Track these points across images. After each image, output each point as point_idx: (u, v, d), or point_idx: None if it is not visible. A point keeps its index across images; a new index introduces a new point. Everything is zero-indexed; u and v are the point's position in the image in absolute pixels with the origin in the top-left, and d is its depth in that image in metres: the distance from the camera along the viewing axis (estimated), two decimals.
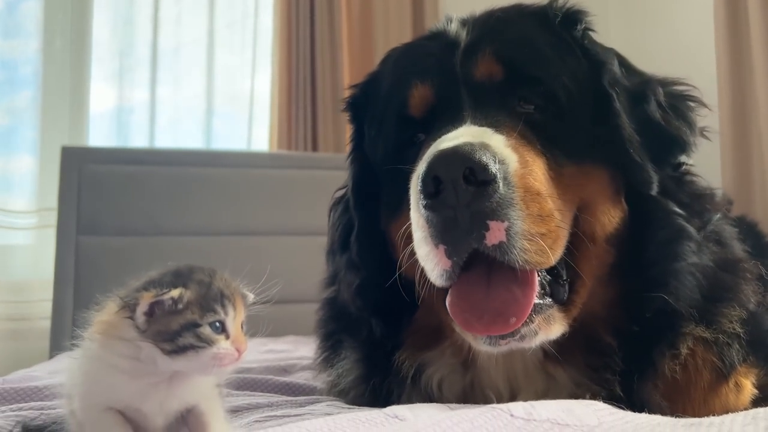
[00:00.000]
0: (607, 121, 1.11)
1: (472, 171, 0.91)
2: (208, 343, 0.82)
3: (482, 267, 0.99)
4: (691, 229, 1.11)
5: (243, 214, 3.28)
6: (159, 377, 0.84)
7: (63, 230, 3.05)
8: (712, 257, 1.15)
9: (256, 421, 1.10)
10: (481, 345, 1.01)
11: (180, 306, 0.83)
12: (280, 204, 3.29)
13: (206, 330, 0.83)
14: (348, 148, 1.38)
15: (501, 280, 0.99)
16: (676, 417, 0.93)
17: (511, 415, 0.83)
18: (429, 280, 1.02)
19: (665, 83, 1.23)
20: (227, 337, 0.85)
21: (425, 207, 0.95)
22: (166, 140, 3.78)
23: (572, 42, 1.16)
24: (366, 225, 1.25)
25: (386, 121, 1.22)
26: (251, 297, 0.92)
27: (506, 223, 0.93)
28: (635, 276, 1.10)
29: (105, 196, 3.14)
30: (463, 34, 1.17)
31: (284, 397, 1.41)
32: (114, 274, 3.13)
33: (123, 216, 3.14)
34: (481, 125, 1.04)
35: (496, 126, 1.04)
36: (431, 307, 1.14)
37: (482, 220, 0.93)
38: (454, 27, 1.20)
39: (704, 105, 1.22)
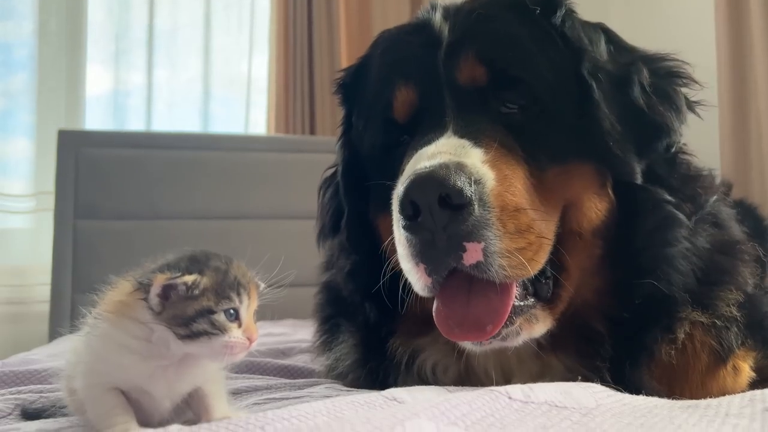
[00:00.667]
0: (589, 114, 1.09)
1: (447, 196, 0.93)
2: (221, 330, 0.83)
3: (464, 276, 1.00)
4: (681, 216, 1.10)
5: (240, 198, 3.27)
6: (169, 360, 0.85)
7: (60, 214, 3.04)
8: (708, 240, 1.15)
9: (255, 403, 1.11)
10: (465, 344, 1.05)
11: (196, 292, 0.83)
12: (277, 187, 3.28)
13: (221, 317, 0.83)
14: (339, 131, 1.38)
15: (480, 290, 1.01)
16: (673, 399, 0.94)
17: (510, 398, 0.84)
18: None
19: (654, 60, 1.20)
20: (240, 325, 0.85)
21: (404, 228, 0.98)
22: (163, 124, 3.76)
23: (553, 31, 1.13)
24: (356, 211, 1.26)
25: (372, 119, 1.21)
26: (263, 286, 0.92)
27: (483, 244, 0.94)
28: (625, 264, 1.10)
29: (102, 180, 3.13)
30: (446, 30, 1.15)
31: (283, 380, 1.41)
32: (112, 257, 3.16)
33: (120, 200, 3.13)
34: (462, 135, 1.03)
35: (477, 136, 1.03)
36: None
37: (459, 241, 0.94)
38: (437, 19, 1.17)
39: (694, 81, 1.20)
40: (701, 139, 1.23)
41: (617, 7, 3.75)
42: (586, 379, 1.03)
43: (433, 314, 1.03)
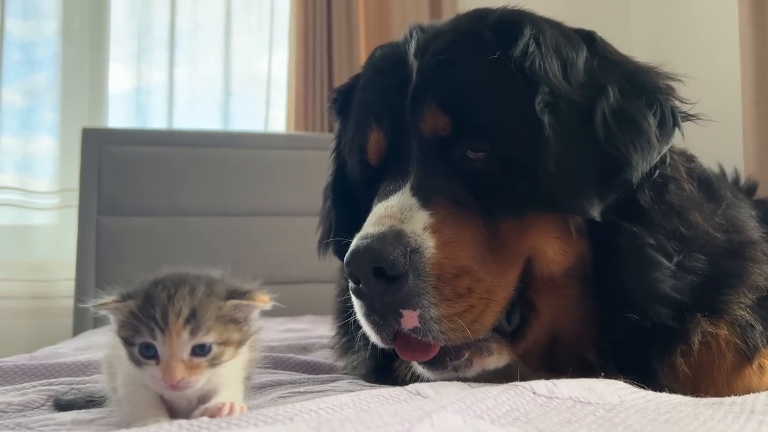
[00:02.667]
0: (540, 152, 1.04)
1: (381, 269, 0.95)
2: (137, 363, 0.83)
3: None
4: (661, 259, 1.05)
5: (260, 195, 3.30)
6: None
7: (84, 210, 3.09)
8: (716, 247, 1.12)
9: (281, 396, 1.13)
10: (424, 373, 1.08)
11: (122, 318, 0.85)
12: (296, 185, 3.31)
13: (135, 350, 0.83)
14: (333, 144, 1.39)
15: None
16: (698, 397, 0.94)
17: (534, 393, 0.84)
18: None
19: (636, 74, 1.13)
20: (158, 363, 0.82)
21: (352, 291, 1.02)
22: (184, 121, 3.80)
23: (512, 65, 1.08)
24: (342, 225, 1.28)
25: (352, 153, 1.23)
26: (257, 306, 0.90)
27: (418, 311, 0.97)
28: (606, 300, 1.07)
29: (125, 177, 3.18)
30: (415, 69, 1.13)
31: (306, 375, 1.43)
32: (134, 253, 3.21)
33: (142, 196, 3.17)
34: (417, 192, 1.04)
35: (429, 195, 1.03)
36: None
37: (395, 308, 0.98)
38: (411, 55, 1.15)
39: (676, 97, 1.12)
40: (724, 137, 1.20)
41: (638, 6, 3.72)
42: None
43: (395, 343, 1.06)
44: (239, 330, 0.88)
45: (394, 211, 1.02)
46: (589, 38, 1.16)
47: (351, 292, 1.03)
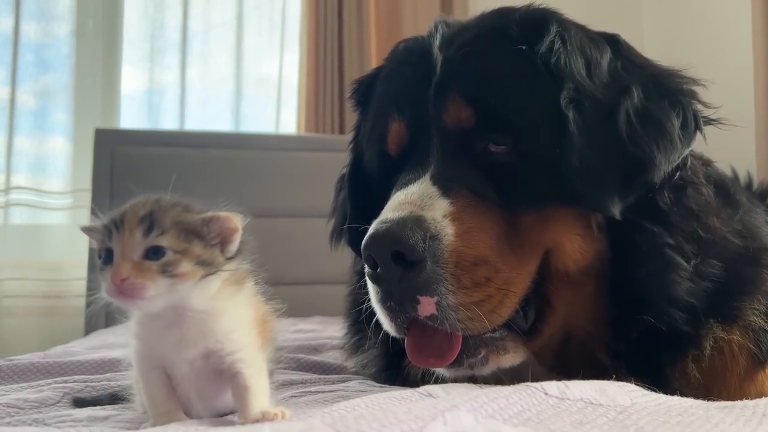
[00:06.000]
0: (564, 147, 1.05)
1: (400, 253, 0.95)
2: (100, 272, 0.79)
3: None
4: (680, 260, 1.06)
5: (271, 196, 3.32)
6: (167, 319, 0.83)
7: (96, 210, 3.11)
8: (729, 255, 1.12)
9: (292, 396, 1.13)
10: (439, 370, 1.08)
11: (97, 234, 0.82)
12: (307, 186, 3.32)
13: (99, 261, 0.80)
14: (351, 135, 1.40)
15: None
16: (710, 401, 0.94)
17: (546, 394, 0.85)
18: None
19: (659, 77, 1.13)
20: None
21: (368, 276, 1.02)
22: (196, 122, 3.82)
23: (539, 60, 1.09)
24: (357, 215, 1.27)
25: (372, 143, 1.23)
26: (225, 224, 0.85)
27: (436, 298, 0.96)
28: (621, 301, 1.07)
29: (136, 177, 3.18)
30: (439, 63, 1.14)
31: (316, 375, 1.44)
32: None
33: None
34: (437, 181, 1.04)
35: (449, 184, 1.03)
36: None
37: (413, 294, 0.97)
38: (435, 48, 1.16)
39: (698, 100, 1.12)
40: (736, 140, 1.20)
41: (651, 8, 3.71)
42: None
43: (405, 343, 1.06)
44: (206, 249, 0.83)
45: (414, 198, 1.02)
46: (612, 41, 1.16)
47: (367, 277, 1.02)
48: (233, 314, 0.86)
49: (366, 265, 1.01)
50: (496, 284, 0.99)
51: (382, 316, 1.04)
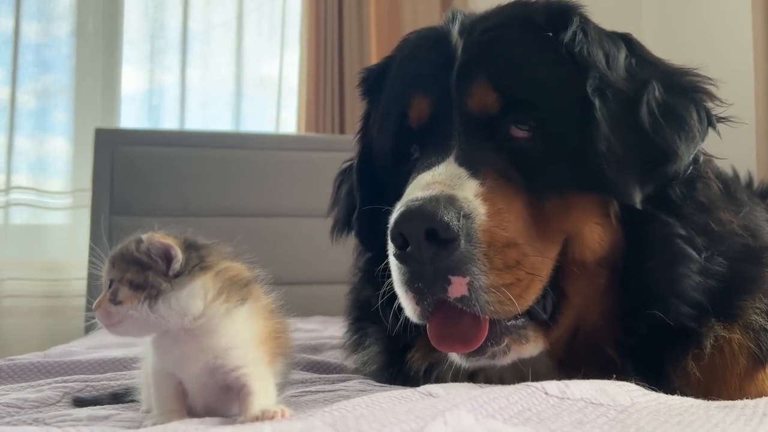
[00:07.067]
0: (590, 134, 1.06)
1: (433, 230, 0.94)
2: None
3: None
4: (691, 252, 1.07)
5: (271, 196, 3.32)
6: (170, 337, 0.88)
7: (97, 210, 3.12)
8: (733, 251, 1.12)
9: (293, 396, 1.13)
10: (455, 359, 1.06)
11: None
12: (307, 186, 3.32)
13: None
14: (358, 126, 1.39)
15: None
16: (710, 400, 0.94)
17: (546, 393, 0.85)
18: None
19: (674, 74, 1.15)
20: None
21: (395, 257, 0.99)
22: (196, 122, 3.82)
23: (563, 49, 1.10)
24: (369, 206, 1.26)
25: (387, 123, 1.22)
26: (157, 245, 0.89)
27: (468, 278, 0.95)
28: (632, 294, 1.08)
29: (137, 177, 3.20)
30: (460, 48, 1.14)
31: (317, 375, 1.44)
32: None
33: (154, 196, 3.19)
34: (462, 163, 1.03)
35: (476, 166, 1.03)
36: None
37: (444, 274, 0.95)
38: (454, 34, 1.16)
39: (714, 97, 1.14)
40: (736, 139, 1.21)
41: (650, 6, 3.71)
42: None
43: (427, 329, 1.04)
44: (138, 273, 0.86)
45: (443, 178, 1.01)
46: (626, 39, 1.18)
47: (393, 258, 1.00)
48: (230, 331, 0.88)
49: (392, 245, 0.98)
50: (526, 268, 0.99)
51: (405, 299, 1.01)
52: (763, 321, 1.10)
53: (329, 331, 2.21)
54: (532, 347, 1.04)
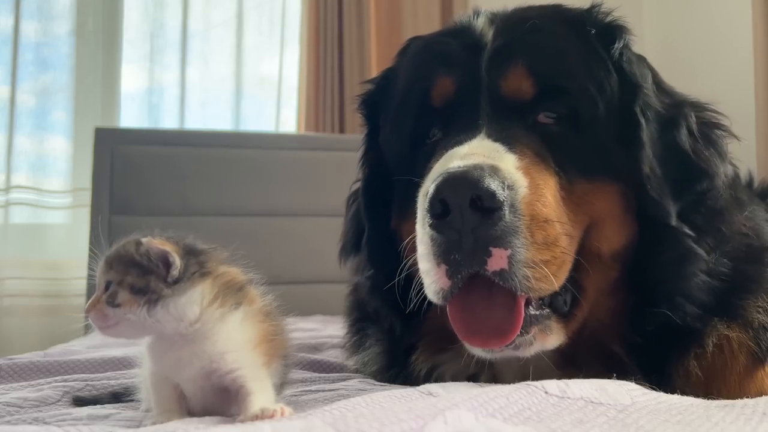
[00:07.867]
0: (629, 145, 1.09)
1: (479, 197, 0.91)
2: None
3: (480, 284, 0.98)
4: (700, 251, 1.08)
5: (271, 195, 3.32)
6: (165, 341, 0.88)
7: (96, 209, 3.12)
8: (735, 251, 1.13)
9: (293, 395, 1.13)
10: (476, 351, 1.03)
11: None
12: (307, 185, 3.32)
13: None
14: (360, 151, 1.36)
15: (498, 295, 0.99)
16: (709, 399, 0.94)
17: (546, 392, 0.85)
18: (424, 294, 1.02)
19: (696, 107, 1.19)
20: None
21: (431, 226, 0.95)
22: (196, 122, 3.82)
23: (607, 57, 1.13)
24: (376, 228, 1.26)
25: (403, 112, 1.21)
26: (156, 250, 0.88)
27: (509, 251, 0.93)
28: (640, 291, 1.09)
29: (136, 177, 3.20)
30: (490, 34, 1.14)
31: (317, 374, 1.44)
32: None
33: (154, 196, 3.19)
34: (496, 139, 1.02)
35: (511, 142, 1.02)
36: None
37: (485, 246, 0.93)
38: (480, 24, 1.17)
39: (732, 134, 1.18)
40: (736, 148, 1.22)
41: (651, 5, 3.71)
42: None
43: (450, 320, 1.01)
44: (140, 277, 0.86)
45: (481, 150, 0.99)
46: (646, 63, 1.20)
47: (428, 228, 0.96)
48: (224, 336, 0.88)
49: (429, 215, 0.94)
50: (561, 247, 0.98)
51: (433, 275, 0.97)
52: (764, 319, 1.10)
53: (329, 330, 2.21)
54: (555, 339, 1.03)
